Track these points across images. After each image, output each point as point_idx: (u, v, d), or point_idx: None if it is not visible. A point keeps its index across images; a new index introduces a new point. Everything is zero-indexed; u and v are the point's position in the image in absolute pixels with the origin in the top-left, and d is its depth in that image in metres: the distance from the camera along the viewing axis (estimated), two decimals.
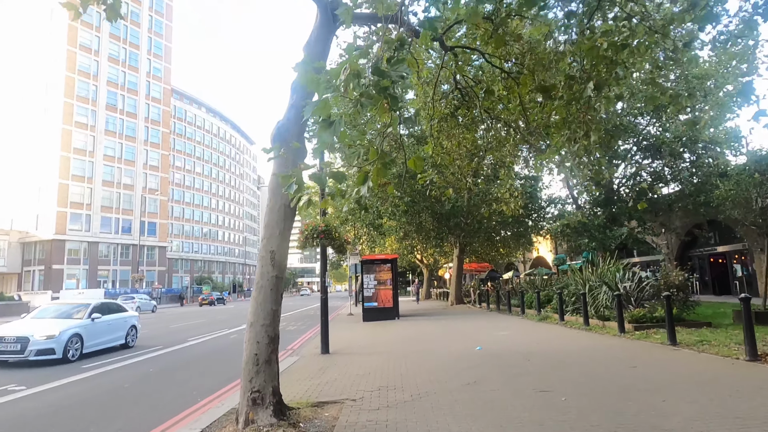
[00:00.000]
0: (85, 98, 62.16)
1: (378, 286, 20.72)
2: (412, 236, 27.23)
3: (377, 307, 20.63)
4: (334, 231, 11.01)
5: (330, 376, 8.41)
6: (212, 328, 21.18)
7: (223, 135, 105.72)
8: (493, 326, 15.83)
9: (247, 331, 5.52)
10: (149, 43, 72.41)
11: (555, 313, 16.65)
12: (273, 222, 5.65)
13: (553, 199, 23.99)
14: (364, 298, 20.80)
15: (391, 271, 20.80)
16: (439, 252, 34.16)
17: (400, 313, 21.36)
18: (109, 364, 11.52)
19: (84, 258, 61.15)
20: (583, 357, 9.11)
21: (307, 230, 10.95)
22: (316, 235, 10.83)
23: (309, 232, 10.91)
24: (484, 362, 8.96)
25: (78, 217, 60.82)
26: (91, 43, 63.61)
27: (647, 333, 11.27)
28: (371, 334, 15.45)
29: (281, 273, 5.59)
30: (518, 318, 18.52)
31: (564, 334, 12.83)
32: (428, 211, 24.51)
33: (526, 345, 11.00)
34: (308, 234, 10.89)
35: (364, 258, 21.59)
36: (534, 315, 18.10)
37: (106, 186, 64.26)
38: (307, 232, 10.91)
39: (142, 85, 70.19)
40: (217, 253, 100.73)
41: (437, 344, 11.92)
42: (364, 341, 13.47)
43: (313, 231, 10.87)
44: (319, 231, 10.83)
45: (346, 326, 19.03)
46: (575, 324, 14.24)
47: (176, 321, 26.90)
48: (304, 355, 11.23)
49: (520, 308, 20.38)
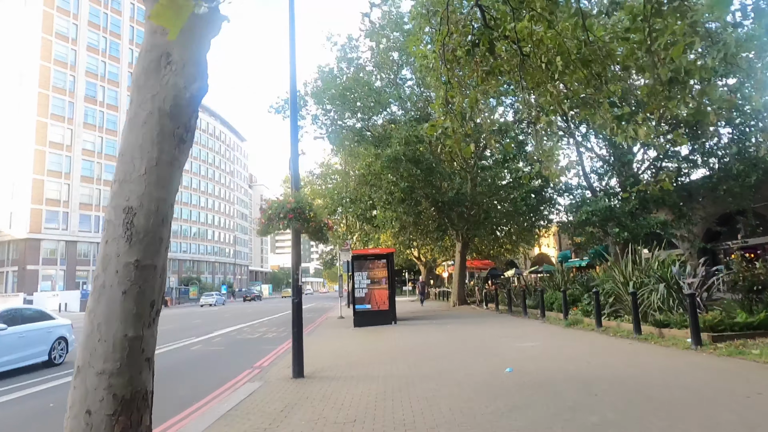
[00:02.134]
0: (62, 89, 58.74)
1: (371, 285, 17.72)
2: (409, 229, 24.25)
3: (370, 310, 17.63)
4: (308, 210, 8.00)
5: (293, 426, 5.41)
6: (177, 336, 18.10)
7: (212, 131, 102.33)
8: (513, 333, 12.87)
9: (72, 385, 2.50)
10: (131, 33, 68.99)
11: (586, 316, 13.72)
12: (134, 148, 2.62)
13: (569, 187, 21.01)
14: (356, 299, 17.79)
15: (386, 268, 17.81)
16: (440, 248, 31.16)
17: (397, 316, 18.39)
18: (9, 392, 8.47)
19: (61, 258, 57.75)
20: (675, 388, 6.14)
21: (270, 209, 7.94)
22: (283, 215, 7.83)
23: (273, 210, 7.89)
24: (526, 397, 5.99)
25: (54, 214, 57.40)
26: (68, 31, 60.15)
27: (734, 346, 8.32)
28: (363, 344, 12.44)
29: (154, 257, 2.59)
30: (538, 322, 15.57)
31: (612, 346, 9.87)
32: (428, 200, 21.54)
33: (573, 365, 8.03)
34: (272, 213, 7.88)
35: (354, 253, 18.58)
36: (558, 319, 15.17)
37: (86, 182, 60.85)
38: (271, 212, 7.90)
39: (123, 76, 66.75)
40: (207, 253, 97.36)
41: (449, 362, 8.93)
42: (352, 356, 10.47)
43: (279, 209, 7.86)
44: (288, 209, 7.83)
45: (334, 333, 16.01)
46: (619, 331, 11.30)
47: None
48: (270, 380, 8.22)
49: (538, 310, 17.48)
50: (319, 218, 8.28)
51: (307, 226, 8.03)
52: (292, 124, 8.60)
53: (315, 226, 8.20)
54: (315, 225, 8.21)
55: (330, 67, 22.57)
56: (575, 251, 43.38)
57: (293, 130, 8.51)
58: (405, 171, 19.42)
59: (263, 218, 7.93)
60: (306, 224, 8.00)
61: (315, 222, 8.13)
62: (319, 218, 8.29)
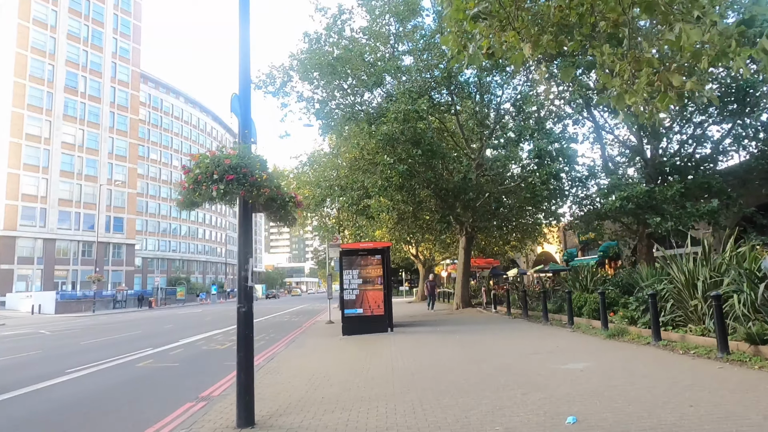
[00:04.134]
0: (40, 79, 55.58)
1: (364, 285, 14.88)
2: (408, 220, 21.40)
3: (362, 316, 14.79)
4: (259, 171, 5.13)
5: None
6: (133, 345, 15.20)
7: (203, 127, 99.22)
8: (543, 347, 10.04)
9: None
10: (115, 21, 65.79)
11: (630, 324, 10.92)
12: None
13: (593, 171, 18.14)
14: (345, 302, 14.93)
15: (381, 265, 14.97)
16: (442, 243, 28.28)
17: (393, 321, 15.57)
18: None
19: (38, 257, 54.58)
20: None
21: (198, 167, 5.07)
22: (218, 176, 4.97)
23: (203, 169, 5.03)
24: None
25: (31, 211, 54.22)
26: (47, 17, 57.01)
27: None
28: (350, 364, 9.58)
29: None
30: (566, 332, 12.77)
31: (698, 372, 7.05)
32: (430, 187, 18.69)
33: (668, 409, 5.19)
34: (201, 174, 5.01)
35: (344, 247, 15.74)
36: (592, 327, 12.37)
37: (65, 177, 57.67)
38: (199, 171, 5.03)
39: (107, 66, 63.61)
40: (198, 252, 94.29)
41: (474, 400, 6.07)
42: (333, 384, 7.62)
43: (210, 168, 5.00)
44: (226, 168, 4.97)
45: (318, 344, 13.14)
46: (689, 347, 8.49)
47: (103, 333, 20.81)
48: (201, 430, 5.38)
49: (560, 315, 14.77)
50: (275, 185, 5.41)
51: (258, 194, 5.16)
52: (242, 25, 5.70)
53: (271, 196, 5.34)
54: (271, 195, 5.35)
55: (318, 34, 19.68)
56: (582, 249, 40.81)
57: (243, 34, 5.63)
58: (403, 152, 16.57)
59: (187, 181, 5.06)
60: (255, 192, 5.13)
61: (270, 190, 5.27)
62: (275, 185, 5.43)
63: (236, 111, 5.47)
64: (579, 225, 21.43)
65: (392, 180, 16.92)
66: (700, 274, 9.28)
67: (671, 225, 13.43)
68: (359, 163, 19.39)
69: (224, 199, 5.08)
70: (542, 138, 15.14)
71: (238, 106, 5.51)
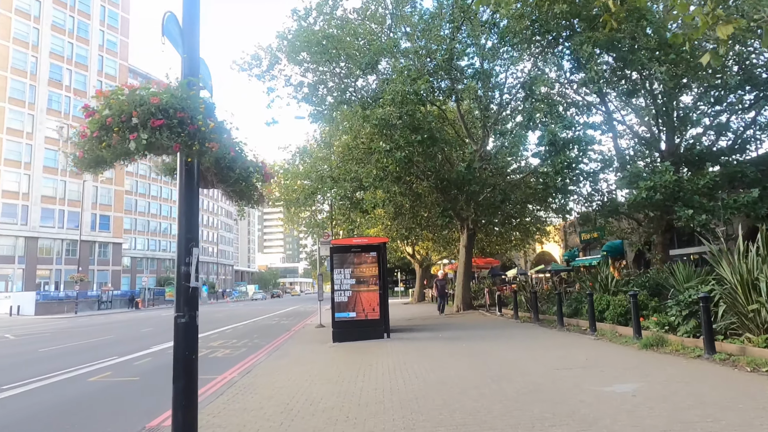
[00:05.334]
0: (23, 71, 53.49)
1: (357, 286, 13.22)
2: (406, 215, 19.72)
3: (355, 320, 13.13)
4: (200, 118, 3.44)
5: None
6: (98, 354, 13.45)
7: None
8: (571, 361, 8.41)
9: None
10: (102, 13, 63.70)
11: (668, 332, 9.32)
12: None
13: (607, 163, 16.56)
14: (336, 305, 13.26)
15: (377, 264, 13.32)
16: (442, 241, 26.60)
17: (390, 326, 13.91)
18: None
19: (19, 256, 52.47)
20: None
21: (109, 108, 3.36)
22: (139, 120, 3.27)
23: (115, 111, 3.33)
24: None
25: (12, 208, 52.10)
26: (30, 7, 54.93)
27: None
28: (338, 381, 7.89)
29: None
30: (589, 339, 11.17)
31: None
32: (430, 177, 17.02)
33: None
34: (112, 116, 3.31)
35: (335, 243, 14.06)
36: (618, 335, 10.77)
37: (49, 173, 55.56)
38: (110, 113, 3.33)
39: (93, 59, 61.54)
40: None
41: None
42: (315, 412, 5.94)
43: (127, 109, 3.31)
44: (150, 108, 3.28)
45: (304, 353, 11.42)
46: (757, 362, 6.90)
47: (73, 337, 19.00)
48: None
49: (577, 320, 13.24)
50: (229, 141, 3.75)
51: (200, 150, 3.48)
52: None
53: (222, 156, 3.68)
54: (222, 155, 3.69)
55: (309, 9, 17.93)
56: (583, 249, 39.31)
57: None
58: (401, 138, 14.91)
59: (90, 127, 3.37)
60: (196, 146, 3.45)
61: (220, 146, 3.60)
62: (229, 141, 3.76)
63: (172, 35, 3.79)
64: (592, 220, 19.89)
65: (389, 169, 15.25)
66: (763, 273, 7.68)
67: (705, 218, 11.85)
68: (353, 152, 17.72)
69: (147, 153, 3.42)
70: (556, 122, 13.52)
71: (176, 29, 3.84)
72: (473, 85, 14.88)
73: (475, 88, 15.00)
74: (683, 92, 15.65)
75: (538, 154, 14.59)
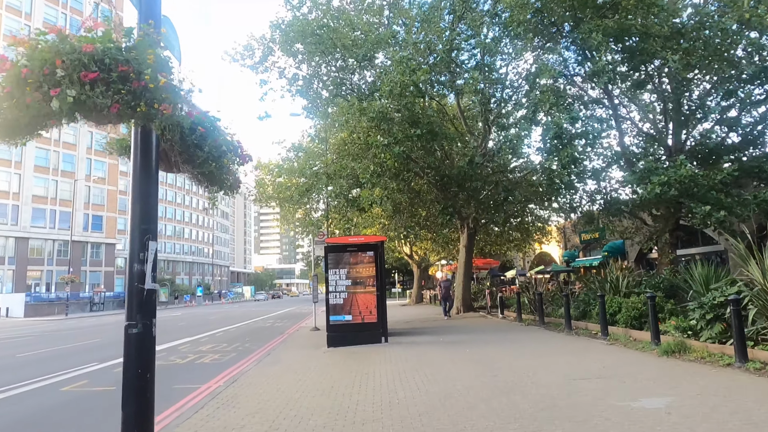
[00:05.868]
0: None
1: (353, 287, 12.47)
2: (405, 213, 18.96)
3: (351, 323, 12.38)
4: (147, 70, 2.69)
5: None
6: (78, 360, 12.67)
7: None
8: (587, 369, 7.68)
9: None
10: (95, 10, 62.51)
11: (689, 338, 8.61)
12: None
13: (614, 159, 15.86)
14: (331, 307, 12.50)
15: (374, 264, 12.58)
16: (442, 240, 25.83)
17: (388, 329, 13.16)
18: None
19: (9, 256, 51.45)
20: None
21: (28, 59, 2.61)
22: (66, 74, 2.52)
23: (35, 61, 2.57)
24: None
25: (2, 208, 51.08)
26: (22, 4, 54.02)
27: None
28: (333, 393, 7.12)
29: None
30: (601, 343, 10.45)
31: None
32: (430, 173, 16.28)
33: None
34: (31, 66, 2.55)
35: (330, 242, 13.32)
36: (633, 339, 10.07)
37: (40, 172, 54.57)
38: (27, 63, 2.58)
39: None
40: (184, 253, 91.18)
41: None
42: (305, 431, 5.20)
43: (50, 53, 2.55)
44: (80, 57, 2.52)
45: (294, 360, 10.64)
46: None
47: (57, 341, 18.17)
48: None
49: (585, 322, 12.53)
50: (183, 103, 3.00)
51: (148, 112, 2.73)
52: None
53: (178, 123, 2.93)
54: (178, 122, 2.94)
55: None
56: (583, 249, 38.62)
57: None
58: (400, 131, 14.16)
59: (4, 82, 2.61)
60: (142, 107, 2.70)
61: (174, 109, 2.85)
62: (186, 105, 3.01)
63: None
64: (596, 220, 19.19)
65: (387, 165, 14.50)
66: None
67: (723, 215, 11.15)
68: (348, 147, 16.97)
69: (78, 117, 2.67)
70: (562, 113, 12.82)
71: None
72: (476, 75, 14.14)
73: (478, 79, 14.26)
74: (695, 83, 14.97)
75: (543, 149, 13.88)
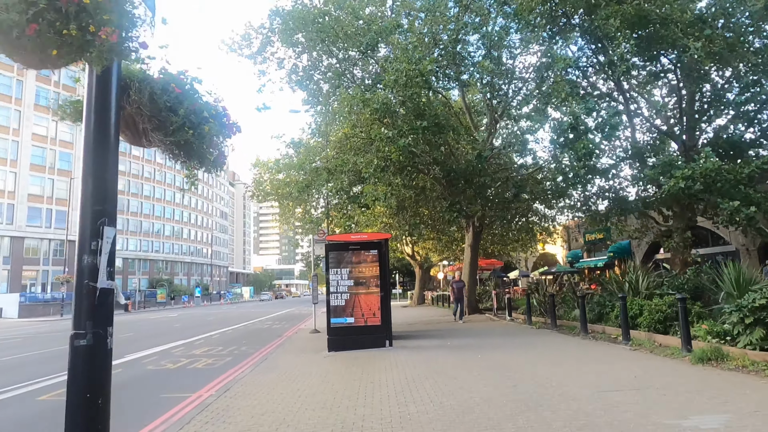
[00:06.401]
0: (8, 65, 51.70)
1: (355, 288, 11.72)
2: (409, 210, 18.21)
3: (353, 326, 11.62)
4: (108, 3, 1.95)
5: None
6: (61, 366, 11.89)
7: None
8: (618, 379, 6.92)
9: None
10: None
11: (725, 343, 7.86)
12: None
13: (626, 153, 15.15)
14: (332, 309, 11.75)
15: (378, 263, 11.83)
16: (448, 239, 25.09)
17: (392, 333, 12.40)
18: None
19: (4, 256, 50.68)
20: None
21: None
22: None
23: None
24: None
25: None
26: None
27: None
28: (335, 406, 6.35)
29: None
30: (623, 349, 9.69)
31: None
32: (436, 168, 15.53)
33: None
34: None
35: (330, 239, 12.57)
36: (658, 345, 9.31)
37: (36, 171, 53.83)
38: None
39: None
40: (182, 253, 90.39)
41: None
42: None
43: None
44: None
45: (293, 366, 9.86)
46: None
47: (45, 344, 17.41)
48: None
49: (601, 325, 11.77)
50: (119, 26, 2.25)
51: (83, 42, 1.99)
52: None
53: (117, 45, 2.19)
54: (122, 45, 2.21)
55: None
56: (588, 250, 37.89)
57: None
58: (405, 123, 13.42)
59: None
60: (71, 30, 1.95)
61: (119, 37, 2.09)
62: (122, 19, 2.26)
63: None
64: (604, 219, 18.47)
65: (391, 158, 13.76)
66: None
67: (753, 211, 10.40)
68: (350, 141, 16.24)
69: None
70: (578, 102, 12.09)
71: None
72: (485, 64, 13.42)
73: (487, 68, 13.54)
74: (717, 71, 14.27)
75: (556, 141, 13.14)
